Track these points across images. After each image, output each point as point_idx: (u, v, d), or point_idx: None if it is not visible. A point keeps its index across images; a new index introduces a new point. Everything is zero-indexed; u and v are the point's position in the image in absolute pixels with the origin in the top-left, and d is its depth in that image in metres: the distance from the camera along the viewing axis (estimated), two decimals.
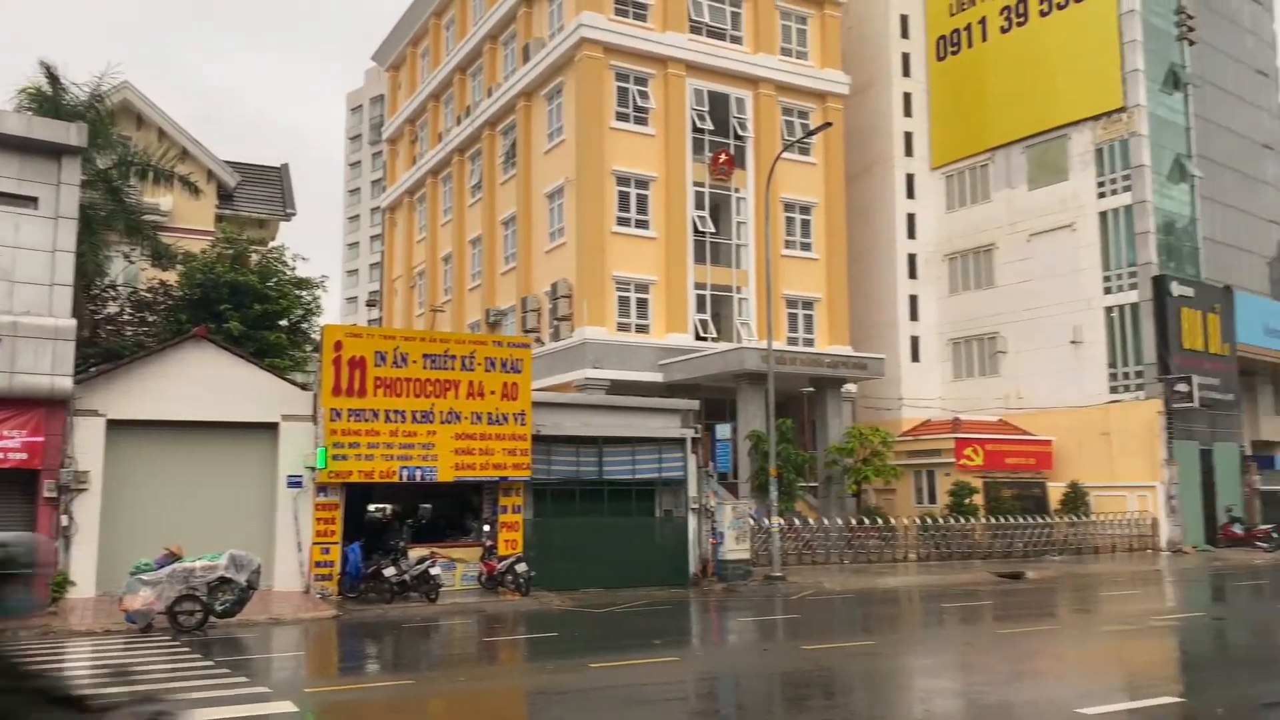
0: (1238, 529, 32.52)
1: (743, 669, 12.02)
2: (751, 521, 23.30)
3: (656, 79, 32.08)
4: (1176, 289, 32.54)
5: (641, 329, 31.06)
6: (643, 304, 31.22)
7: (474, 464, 19.26)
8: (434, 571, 17.72)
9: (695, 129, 32.72)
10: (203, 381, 18.27)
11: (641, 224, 31.44)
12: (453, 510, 20.63)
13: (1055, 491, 31.82)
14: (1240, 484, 34.41)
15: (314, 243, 78.42)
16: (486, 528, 19.79)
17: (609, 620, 16.03)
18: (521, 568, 18.75)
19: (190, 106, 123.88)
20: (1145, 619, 16.19)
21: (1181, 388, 31.50)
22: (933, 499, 32.39)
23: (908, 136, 39.07)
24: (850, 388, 33.01)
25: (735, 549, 21.97)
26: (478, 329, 35.45)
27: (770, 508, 23.53)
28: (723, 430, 29.50)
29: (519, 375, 19.85)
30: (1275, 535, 31.92)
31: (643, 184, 31.54)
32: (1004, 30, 37.34)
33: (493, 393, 19.53)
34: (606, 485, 20.88)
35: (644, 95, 31.81)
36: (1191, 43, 35.55)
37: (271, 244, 29.28)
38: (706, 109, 32.90)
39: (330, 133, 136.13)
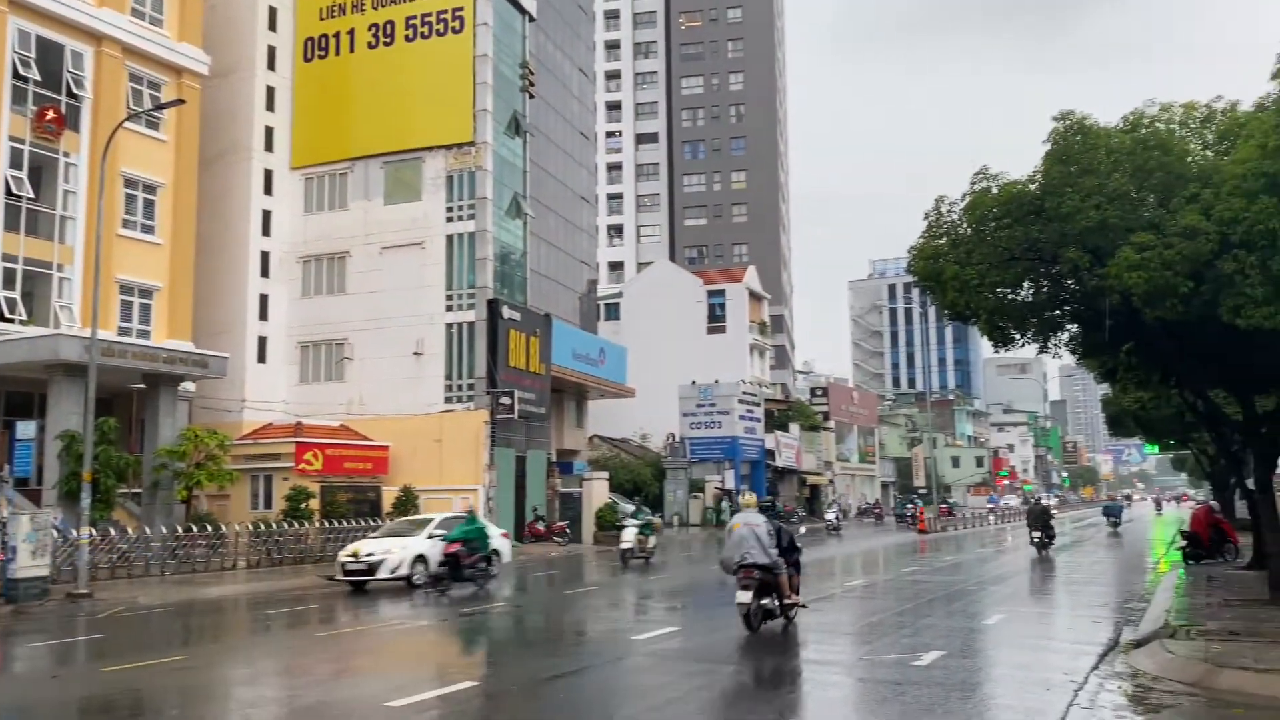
0: (541, 526, 37.21)
1: (25, 702, 10.42)
2: (56, 533, 20.46)
3: None
4: (507, 313, 36.32)
5: None
6: None
7: None
8: None
9: (18, 76, 28.14)
10: None
11: None
12: None
13: (390, 495, 33.24)
14: (545, 487, 39.47)
15: None
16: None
17: None
18: None
19: None
20: (456, 611, 17.64)
21: (505, 401, 35.18)
22: (269, 504, 31.68)
23: (269, 131, 38.05)
24: (188, 386, 30.91)
25: (31, 565, 19.06)
26: None
27: (81, 517, 20.89)
28: (25, 428, 25.49)
29: None
30: (569, 531, 37.20)
31: None
32: (371, 46, 38.39)
33: None
34: None
35: None
36: (531, 96, 40.18)
37: None
38: (34, 56, 28.48)
39: None
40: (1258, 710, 8.62)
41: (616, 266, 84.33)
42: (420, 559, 21.54)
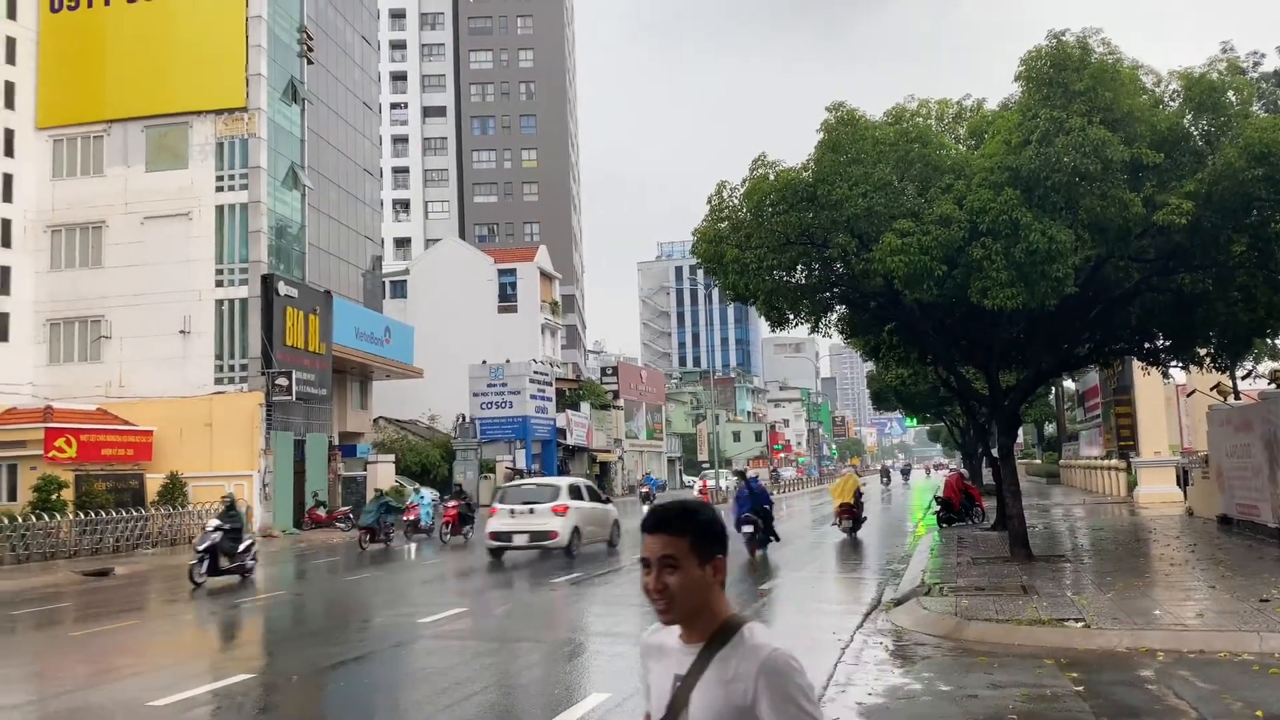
0: (322, 512, 35.82)
1: None
2: None
3: None
4: (284, 289, 34.59)
5: None
6: None
7: None
8: None
9: None
10: None
11: None
12: None
13: (155, 483, 31.04)
14: (327, 471, 38.03)
15: None
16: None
17: None
18: None
19: None
20: (229, 602, 16.73)
21: (282, 382, 33.56)
22: (13, 496, 28.88)
23: (9, 86, 34.52)
24: None
25: None
26: None
27: None
28: None
29: None
30: (352, 516, 36.00)
31: None
32: (130, 0, 35.42)
33: None
34: None
35: None
36: (310, 62, 38.33)
37: None
38: None
39: None
40: (999, 657, 9.52)
41: (403, 243, 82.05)
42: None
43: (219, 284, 34.31)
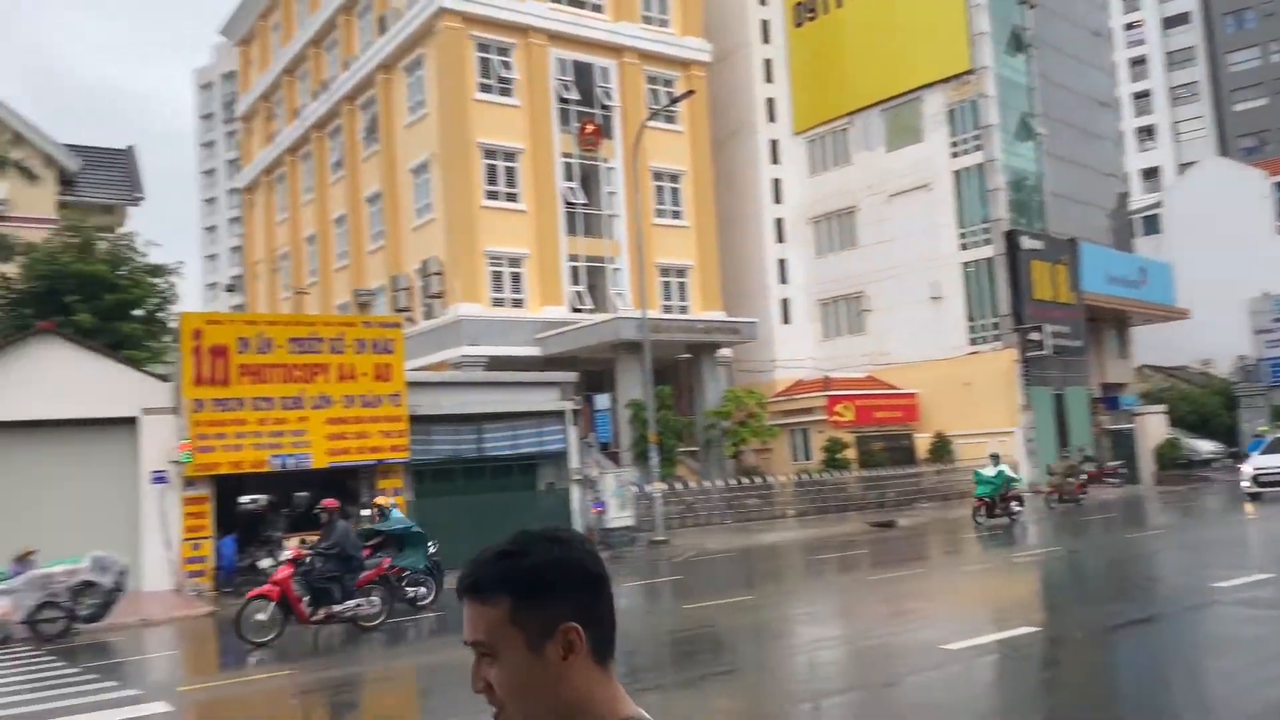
0: (1090, 467, 34.53)
1: (627, 631, 12.20)
2: (634, 488, 23.58)
3: (519, 49, 31.69)
4: (1027, 243, 34.15)
5: (516, 303, 30.87)
6: (516, 278, 30.99)
7: (349, 448, 18.85)
8: None
9: (561, 99, 32.51)
10: (52, 378, 17.29)
11: (511, 197, 31.14)
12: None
13: (922, 442, 33.18)
14: (1090, 425, 36.58)
15: (167, 228, 74.66)
16: (365, 512, 19.41)
17: None
18: None
19: (22, 78, 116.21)
20: (1008, 557, 17.13)
21: (1035, 337, 33.19)
22: (808, 456, 33.35)
23: (770, 102, 39.73)
24: (725, 352, 33.61)
25: (619, 516, 22.21)
26: (346, 310, 34.55)
27: (651, 474, 23.84)
28: (602, 400, 29.64)
29: (391, 356, 19.48)
30: (1124, 471, 34.09)
31: (510, 156, 31.22)
32: None
33: (365, 374, 19.11)
34: (488, 462, 20.76)
35: (507, 66, 31.40)
36: (1032, 6, 37.12)
37: (120, 230, 27.68)
38: (571, 79, 32.71)
39: (178, 113, 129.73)
40: None
41: (1151, 174, 74.87)
42: None
43: (962, 247, 35.23)
